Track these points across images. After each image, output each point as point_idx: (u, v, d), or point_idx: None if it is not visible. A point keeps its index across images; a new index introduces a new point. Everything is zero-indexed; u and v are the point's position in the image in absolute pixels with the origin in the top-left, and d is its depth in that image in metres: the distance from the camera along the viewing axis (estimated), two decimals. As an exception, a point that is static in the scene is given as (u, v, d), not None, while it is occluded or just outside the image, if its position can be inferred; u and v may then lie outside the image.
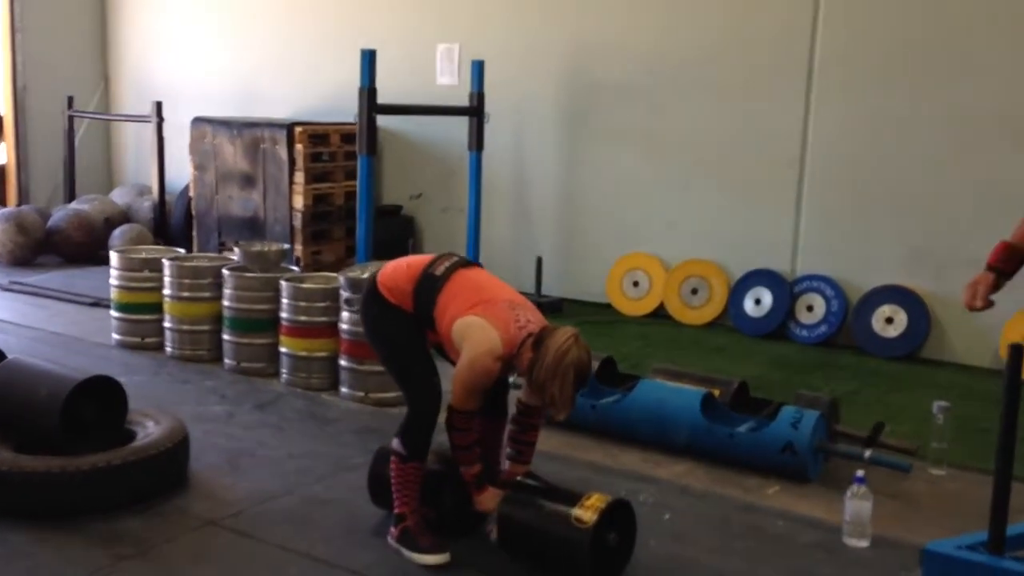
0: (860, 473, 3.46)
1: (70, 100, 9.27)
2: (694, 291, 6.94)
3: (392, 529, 3.30)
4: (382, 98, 6.38)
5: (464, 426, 3.17)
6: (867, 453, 3.94)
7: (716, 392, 4.43)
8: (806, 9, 6.39)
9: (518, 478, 3.34)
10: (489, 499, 3.25)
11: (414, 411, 3.24)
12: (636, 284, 7.17)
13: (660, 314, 7.06)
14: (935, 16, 6.02)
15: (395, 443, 3.25)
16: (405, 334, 3.27)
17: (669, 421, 4.28)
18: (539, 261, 7.21)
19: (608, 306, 7.28)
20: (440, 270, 3.24)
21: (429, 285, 3.22)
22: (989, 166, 5.94)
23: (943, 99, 6.03)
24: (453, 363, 3.21)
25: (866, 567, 3.33)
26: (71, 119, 9.32)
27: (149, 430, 3.80)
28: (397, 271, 3.32)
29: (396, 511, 3.29)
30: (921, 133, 6.12)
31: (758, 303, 6.64)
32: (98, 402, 3.76)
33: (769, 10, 6.56)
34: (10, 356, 4.06)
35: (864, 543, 3.45)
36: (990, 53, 5.88)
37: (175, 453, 3.74)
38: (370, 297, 3.32)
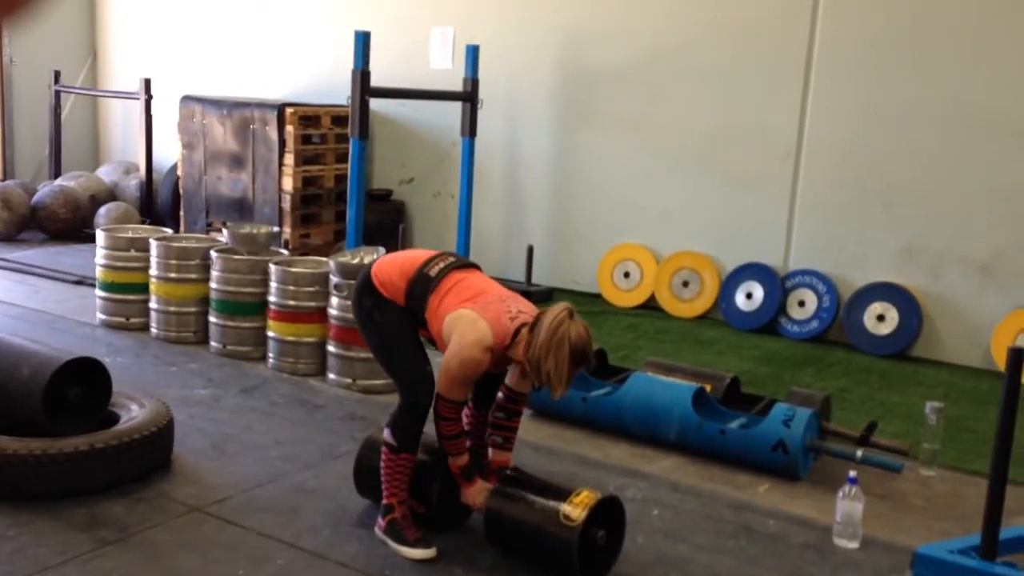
0: (853, 474, 3.43)
1: (57, 74, 9.14)
2: (685, 283, 6.91)
3: (380, 520, 3.26)
4: (375, 81, 6.31)
5: (451, 415, 3.12)
6: (859, 453, 3.91)
7: (708, 387, 4.39)
8: None
9: (507, 471, 3.29)
10: (476, 493, 3.21)
11: (405, 402, 3.19)
12: (627, 275, 7.13)
13: (651, 306, 7.03)
14: (934, 9, 5.98)
15: (385, 434, 3.20)
16: (397, 325, 3.21)
17: (660, 416, 4.25)
18: (530, 249, 7.16)
19: (599, 296, 7.24)
20: (435, 271, 3.17)
21: (423, 285, 3.16)
22: (985, 163, 5.92)
23: (940, 94, 6.00)
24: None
25: (857, 569, 3.30)
26: (58, 94, 9.19)
27: (133, 413, 3.74)
28: (392, 266, 3.25)
29: (384, 502, 3.24)
30: (917, 129, 6.09)
31: (749, 297, 6.61)
32: (82, 383, 3.69)
33: None
34: (-8, 335, 3.99)
35: (855, 544, 3.43)
36: (988, 48, 5.85)
37: (159, 437, 3.68)
38: (363, 288, 3.26)
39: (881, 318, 6.15)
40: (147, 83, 8.52)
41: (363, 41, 6.22)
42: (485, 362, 3.04)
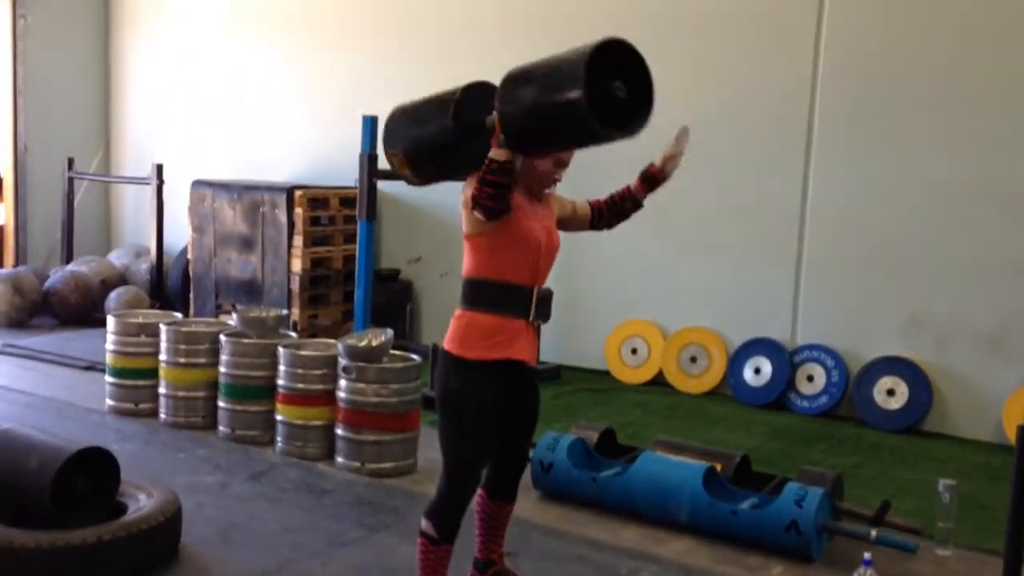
0: (868, 556, 3.39)
1: (70, 161, 9.31)
2: (693, 359, 6.90)
3: None
4: (382, 162, 6.40)
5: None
6: (873, 533, 3.86)
7: (718, 466, 4.37)
8: (804, 76, 6.45)
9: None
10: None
11: (451, 491, 3.10)
12: (635, 351, 7.13)
13: (659, 382, 7.02)
14: (934, 85, 6.07)
15: (424, 524, 3.12)
16: (475, 414, 3.07)
17: (670, 496, 4.21)
18: (537, 327, 7.16)
19: (607, 373, 7.24)
20: None
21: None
22: (987, 236, 5.95)
23: (940, 169, 6.06)
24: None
25: (874, 653, 3.24)
26: (71, 180, 9.35)
27: (141, 503, 3.73)
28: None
29: None
30: (919, 202, 6.15)
31: (758, 372, 6.60)
32: (90, 473, 3.69)
33: (767, 76, 6.62)
34: (1, 424, 4.00)
35: (871, 628, 3.36)
36: (987, 124, 5.93)
37: (167, 527, 3.67)
38: (448, 368, 3.10)
39: (891, 392, 6.13)
40: (159, 168, 8.67)
41: (370, 125, 6.34)
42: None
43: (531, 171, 3.14)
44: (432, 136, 3.07)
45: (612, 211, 3.55)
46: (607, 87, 2.79)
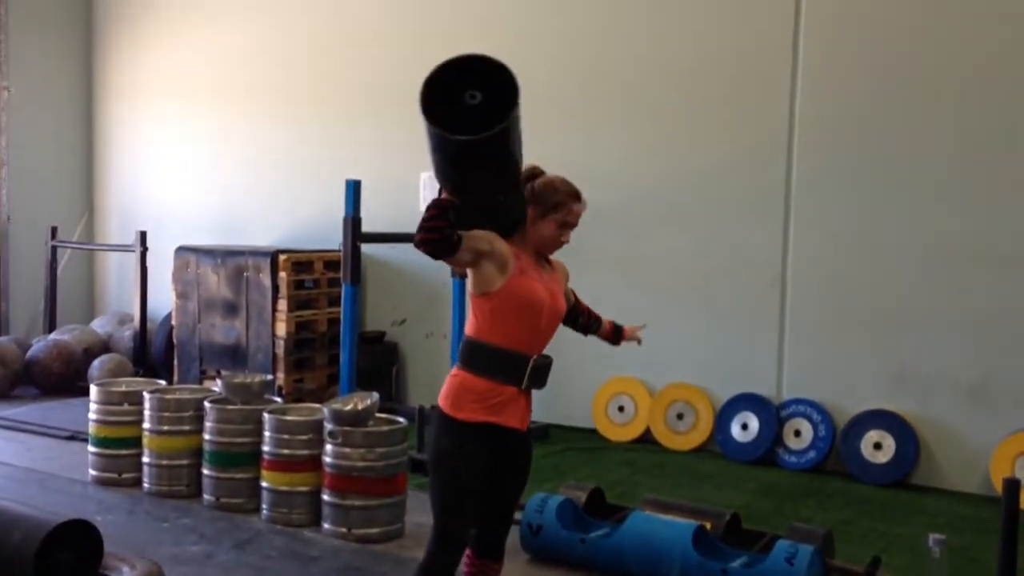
0: (859, 612, 3.36)
1: (54, 230, 9.31)
2: (680, 416, 6.90)
3: None
4: (366, 226, 6.44)
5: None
6: (864, 589, 3.84)
7: (708, 525, 4.34)
8: (781, 131, 6.56)
9: None
10: None
11: (439, 550, 3.08)
12: (621, 409, 7.12)
13: (646, 439, 7.00)
14: (911, 140, 6.18)
15: None
16: (471, 475, 3.07)
17: (661, 556, 4.18)
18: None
19: (594, 431, 7.21)
20: None
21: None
22: (967, 289, 6.02)
23: (917, 222, 6.15)
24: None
25: None
26: (54, 249, 9.34)
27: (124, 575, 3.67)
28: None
29: None
30: (897, 256, 6.22)
31: (745, 428, 6.59)
32: (73, 546, 3.63)
33: (744, 133, 6.74)
34: (-18, 498, 3.95)
35: None
36: (963, 179, 6.03)
37: (151, 600, 3.60)
38: (440, 427, 3.13)
39: (878, 446, 6.13)
40: (143, 235, 8.68)
41: (354, 189, 6.38)
42: (491, 238, 3.01)
43: (537, 234, 3.21)
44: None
45: (579, 324, 3.76)
46: (461, 99, 2.85)
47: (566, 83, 7.35)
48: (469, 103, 2.86)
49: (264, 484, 5.10)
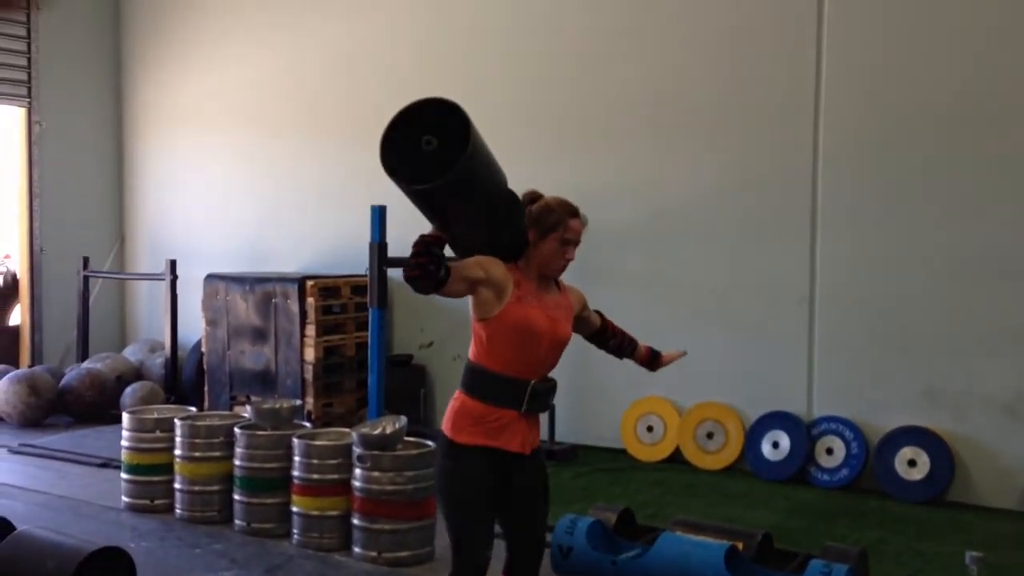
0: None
1: (85, 261, 9.45)
2: (710, 435, 6.85)
3: None
4: (392, 250, 6.47)
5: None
6: (900, 608, 3.78)
7: (740, 545, 4.30)
8: (807, 149, 6.54)
9: None
10: None
11: (457, 572, 3.18)
12: (650, 429, 7.09)
13: (676, 459, 6.96)
14: (937, 157, 6.15)
15: None
16: (472, 496, 3.13)
17: (692, 577, 4.14)
18: (552, 408, 7.15)
19: (623, 452, 7.18)
20: None
21: None
22: (996, 305, 5.95)
23: (949, 238, 6.10)
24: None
25: None
26: (86, 279, 9.47)
27: (157, 602, 3.70)
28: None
29: None
30: (926, 273, 6.17)
31: (776, 446, 6.54)
32: (107, 573, 3.67)
33: (771, 151, 6.72)
34: (16, 523, 4.00)
35: None
36: (997, 194, 5.97)
37: (183, 626, 3.63)
38: (444, 451, 3.19)
39: (912, 463, 6.05)
40: (172, 264, 8.78)
41: (379, 214, 6.43)
42: (485, 264, 3.06)
43: (540, 256, 3.22)
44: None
45: (611, 347, 3.68)
46: (417, 145, 3.00)
47: (595, 104, 7.37)
48: (426, 150, 2.96)
49: (294, 509, 5.12)
